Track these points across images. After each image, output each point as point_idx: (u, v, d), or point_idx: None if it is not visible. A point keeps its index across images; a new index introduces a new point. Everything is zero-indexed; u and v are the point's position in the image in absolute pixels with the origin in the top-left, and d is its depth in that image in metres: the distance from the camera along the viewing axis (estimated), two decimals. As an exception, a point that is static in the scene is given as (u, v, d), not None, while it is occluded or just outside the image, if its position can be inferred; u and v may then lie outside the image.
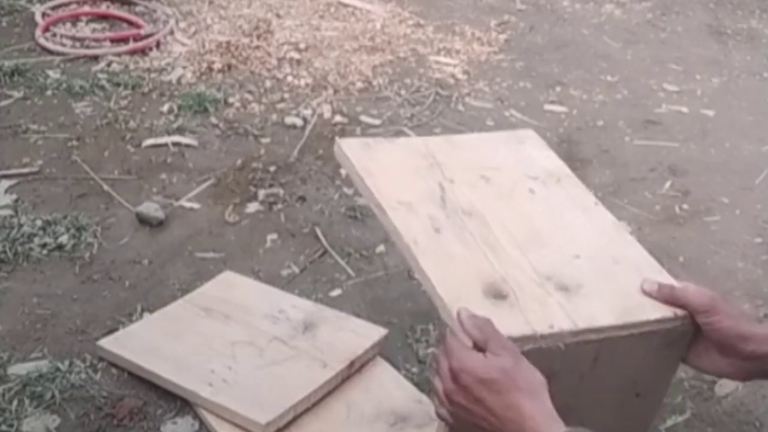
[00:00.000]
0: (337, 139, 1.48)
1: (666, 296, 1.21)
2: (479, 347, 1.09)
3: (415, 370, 1.81)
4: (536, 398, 1.03)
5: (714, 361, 1.22)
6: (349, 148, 1.45)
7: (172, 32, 3.32)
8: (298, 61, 3.20)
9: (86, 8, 3.48)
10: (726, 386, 1.85)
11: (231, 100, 2.88)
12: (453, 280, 1.20)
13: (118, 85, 2.90)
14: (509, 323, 1.13)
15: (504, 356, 1.06)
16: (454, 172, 1.43)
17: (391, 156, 1.44)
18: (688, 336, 1.22)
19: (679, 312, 1.20)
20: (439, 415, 1.14)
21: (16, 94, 2.80)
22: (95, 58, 3.08)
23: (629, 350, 1.19)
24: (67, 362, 1.73)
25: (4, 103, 2.75)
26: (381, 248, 2.18)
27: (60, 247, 2.09)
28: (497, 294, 1.19)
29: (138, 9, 3.53)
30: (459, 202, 1.36)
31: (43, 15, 3.34)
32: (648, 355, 1.22)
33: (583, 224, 1.38)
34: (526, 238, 1.31)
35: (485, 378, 1.05)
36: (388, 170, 1.39)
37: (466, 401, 1.07)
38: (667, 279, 1.27)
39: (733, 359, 1.20)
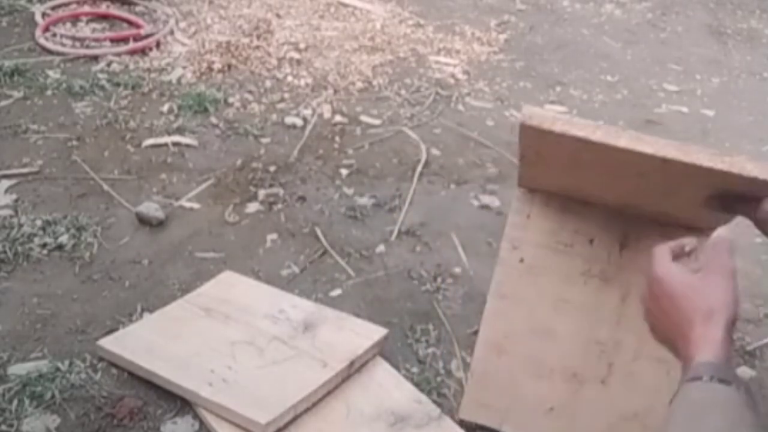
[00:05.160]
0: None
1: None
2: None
3: (415, 370, 1.81)
4: (710, 323, 1.02)
5: None
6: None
7: (172, 32, 3.32)
8: (298, 61, 3.20)
9: (86, 8, 3.48)
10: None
11: (231, 100, 2.88)
12: None
13: (118, 85, 2.90)
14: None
15: (701, 275, 1.07)
16: None
17: None
18: None
19: None
20: None
21: (16, 94, 2.80)
22: (95, 58, 3.08)
23: None
24: (67, 362, 1.73)
25: (4, 103, 2.75)
26: (381, 248, 2.18)
27: (60, 247, 2.09)
28: None
29: (138, 9, 3.53)
30: None
31: (43, 15, 3.35)
32: None
33: None
34: None
35: (670, 292, 1.07)
36: None
37: (653, 308, 1.10)
38: None
39: None
